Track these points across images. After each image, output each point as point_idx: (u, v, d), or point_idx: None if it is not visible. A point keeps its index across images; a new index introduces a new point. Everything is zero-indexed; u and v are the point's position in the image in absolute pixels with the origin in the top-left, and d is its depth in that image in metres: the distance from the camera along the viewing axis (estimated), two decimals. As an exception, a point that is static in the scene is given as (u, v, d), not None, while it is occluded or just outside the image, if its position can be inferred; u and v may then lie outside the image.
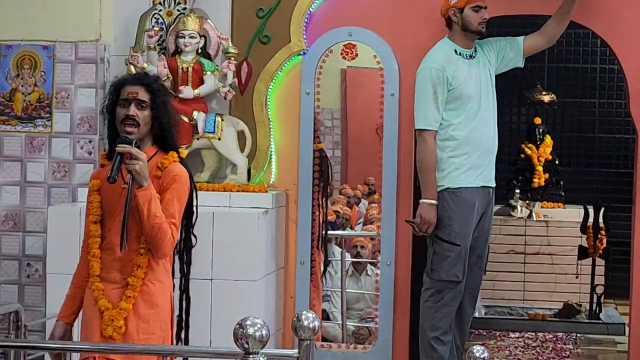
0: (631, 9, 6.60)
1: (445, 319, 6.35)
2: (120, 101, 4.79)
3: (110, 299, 4.77)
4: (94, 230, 4.86)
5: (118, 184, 4.77)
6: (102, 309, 4.74)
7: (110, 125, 4.92)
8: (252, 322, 3.47)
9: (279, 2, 6.83)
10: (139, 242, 4.80)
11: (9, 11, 6.89)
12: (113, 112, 4.84)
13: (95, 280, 4.78)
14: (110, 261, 4.82)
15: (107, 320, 4.75)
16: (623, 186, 7.51)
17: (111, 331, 4.74)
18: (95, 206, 4.84)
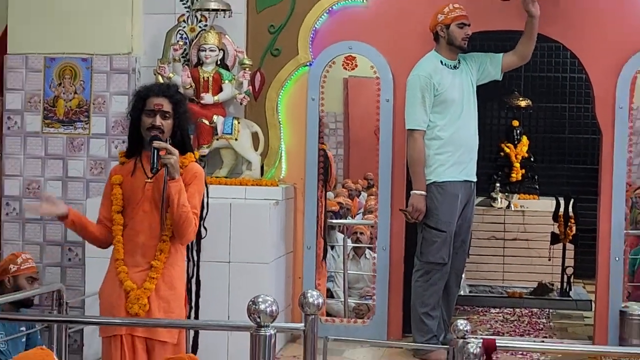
0: (597, 25, 6.60)
1: (433, 296, 6.35)
2: (146, 111, 4.84)
3: (134, 281, 4.79)
4: (118, 219, 4.89)
5: (139, 180, 4.85)
6: (128, 290, 4.77)
7: (132, 129, 4.95)
8: (263, 299, 3.48)
9: (288, 20, 6.84)
10: (161, 230, 4.81)
11: (52, 28, 6.87)
12: (137, 118, 4.88)
13: (120, 264, 4.82)
14: (132, 247, 4.86)
15: (133, 299, 4.77)
16: (590, 180, 7.50)
17: (137, 309, 4.75)
18: (119, 198, 4.87)
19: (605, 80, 6.57)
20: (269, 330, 3.46)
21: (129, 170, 4.92)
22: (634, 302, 6.50)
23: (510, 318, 8.19)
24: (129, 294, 4.79)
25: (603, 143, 6.62)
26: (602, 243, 6.61)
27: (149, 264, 4.85)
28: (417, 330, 6.37)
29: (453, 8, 6.31)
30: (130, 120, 5.01)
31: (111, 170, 5.08)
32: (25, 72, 6.95)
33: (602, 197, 6.64)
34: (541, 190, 10.49)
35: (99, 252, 5.91)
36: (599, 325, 6.63)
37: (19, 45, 6.94)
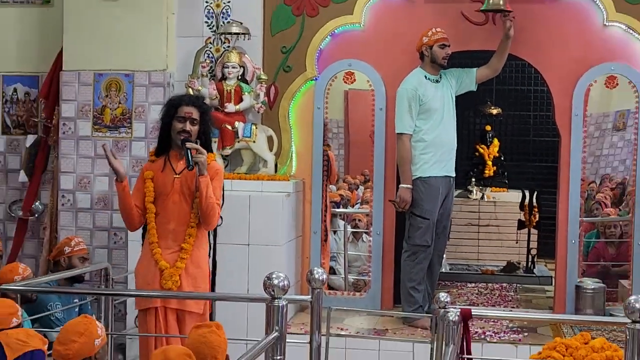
0: (557, 46, 6.63)
1: (419, 273, 6.39)
2: (178, 117, 4.91)
3: (167, 261, 4.88)
4: (151, 208, 4.98)
5: (169, 175, 4.94)
6: (163, 268, 4.86)
7: (163, 132, 5.05)
8: (277, 275, 3.54)
9: (297, 42, 6.87)
10: (189, 217, 4.94)
11: (100, 48, 6.87)
12: (169, 123, 4.97)
13: (155, 247, 4.91)
14: (164, 232, 4.94)
15: (167, 276, 4.85)
16: (550, 176, 7.46)
17: (170, 284, 4.84)
18: (151, 190, 4.97)
19: (563, 92, 6.59)
20: (281, 302, 3.51)
21: (160, 167, 5.00)
22: (587, 278, 6.53)
23: (484, 291, 8.15)
24: (163, 272, 4.87)
25: (561, 145, 6.66)
26: (561, 228, 6.63)
27: (179, 247, 4.93)
28: (406, 302, 6.41)
29: (436, 31, 6.32)
30: (161, 124, 5.09)
31: (143, 166, 5.19)
32: (78, 86, 6.92)
33: (560, 190, 6.68)
34: (510, 184, 10.42)
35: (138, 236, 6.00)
36: (558, 298, 6.66)
37: (73, 63, 6.91)
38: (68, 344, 3.55)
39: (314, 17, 6.89)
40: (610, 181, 6.79)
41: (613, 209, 6.78)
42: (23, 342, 2.90)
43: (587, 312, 6.38)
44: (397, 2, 6.86)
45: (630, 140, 6.58)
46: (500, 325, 6.41)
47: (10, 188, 7.56)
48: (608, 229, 6.81)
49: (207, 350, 3.67)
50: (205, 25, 6.99)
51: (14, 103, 7.53)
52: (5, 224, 7.58)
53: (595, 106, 6.66)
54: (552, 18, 6.66)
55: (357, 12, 6.84)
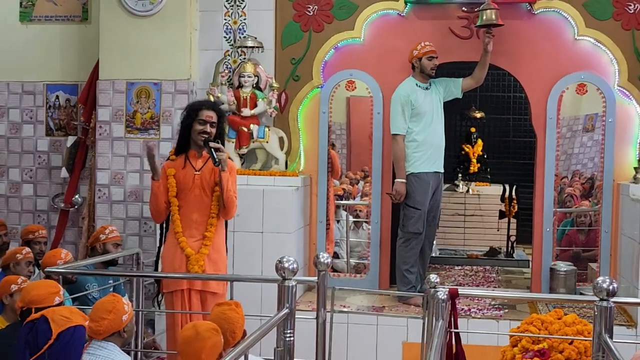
0: (533, 58, 6.61)
1: (412, 257, 6.40)
2: (199, 120, 4.90)
3: (192, 248, 4.87)
4: (175, 202, 4.98)
5: (189, 172, 4.92)
6: (189, 254, 4.85)
7: (183, 133, 5.01)
8: (287, 259, 3.57)
9: (305, 54, 6.86)
10: (210, 209, 4.92)
11: (132, 60, 6.87)
12: (190, 125, 4.95)
13: (180, 236, 4.90)
14: (187, 222, 4.93)
15: (194, 262, 4.86)
16: (527, 172, 7.45)
17: (197, 268, 4.85)
18: (173, 186, 4.93)
19: (539, 98, 6.58)
20: (291, 282, 3.55)
21: (180, 164, 4.98)
22: (560, 261, 6.54)
23: (469, 273, 8.15)
24: (189, 258, 4.88)
25: (537, 144, 6.65)
26: (537, 218, 6.64)
27: (202, 235, 4.93)
28: (401, 282, 6.41)
29: (424, 45, 6.32)
30: (182, 126, 5.05)
31: (164, 164, 5.08)
32: (112, 93, 6.92)
33: (536, 184, 6.67)
34: (492, 179, 10.40)
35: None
36: (535, 279, 6.66)
37: (108, 73, 6.91)
38: (99, 321, 3.58)
39: (320, 32, 6.89)
40: (581, 176, 6.77)
41: (583, 200, 6.77)
42: (67, 318, 2.92)
43: (560, 291, 6.40)
44: (392, 19, 6.85)
45: (598, 140, 6.57)
46: (484, 303, 6.40)
47: (54, 183, 7.58)
48: (579, 218, 6.80)
49: (227, 325, 3.69)
50: (224, 39, 6.98)
51: (57, 108, 7.55)
52: (49, 214, 7.59)
53: (567, 110, 6.63)
54: (529, 32, 6.65)
55: (357, 28, 6.83)
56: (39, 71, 7.54)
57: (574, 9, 6.53)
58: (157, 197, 5.01)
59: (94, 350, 3.57)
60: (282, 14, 6.94)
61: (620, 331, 5.44)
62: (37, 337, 2.85)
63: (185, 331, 3.46)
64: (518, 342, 4.47)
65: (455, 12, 6.70)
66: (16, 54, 7.57)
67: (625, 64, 6.49)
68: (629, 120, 6.56)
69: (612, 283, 3.39)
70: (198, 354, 3.36)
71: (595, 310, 3.40)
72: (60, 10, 7.52)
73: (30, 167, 7.62)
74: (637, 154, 6.48)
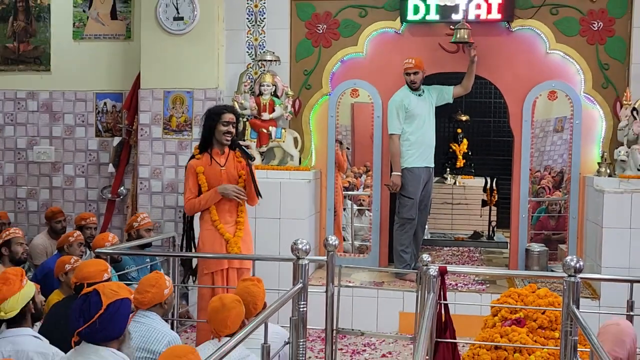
0: (510, 69, 6.58)
1: (407, 239, 6.39)
2: (222, 122, 4.80)
3: (229, 232, 4.84)
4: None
5: (216, 167, 4.82)
6: (228, 239, 4.80)
7: (207, 133, 4.87)
8: (301, 241, 3.56)
9: (316, 66, 6.85)
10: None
11: (168, 72, 6.87)
12: (213, 127, 4.83)
13: (218, 223, 4.82)
14: (221, 211, 4.84)
15: (233, 244, 4.81)
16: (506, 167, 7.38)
17: (236, 250, 4.81)
18: (204, 181, 4.81)
19: (516, 103, 6.56)
20: (304, 261, 3.54)
21: (207, 162, 4.84)
22: (534, 243, 6.55)
23: (456, 253, 8.17)
24: (229, 242, 4.82)
25: (515, 143, 6.63)
26: (514, 206, 6.62)
27: (235, 221, 4.88)
28: (397, 261, 6.42)
29: (405, 62, 6.32)
30: (205, 127, 4.91)
31: (192, 164, 4.87)
32: (152, 100, 6.93)
33: (514, 177, 6.65)
34: (475, 173, 10.36)
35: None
36: (512, 258, 6.65)
37: (148, 83, 6.92)
38: (144, 294, 3.65)
39: (328, 47, 6.88)
40: (552, 171, 6.75)
41: (554, 191, 6.75)
42: (115, 292, 2.93)
43: (534, 268, 6.41)
44: (390, 36, 6.82)
45: (566, 139, 6.55)
46: (469, 279, 6.40)
47: (102, 177, 7.59)
48: (550, 206, 6.79)
49: (250, 298, 3.71)
50: (247, 54, 6.98)
51: (104, 113, 7.56)
52: (98, 203, 7.61)
53: (540, 113, 6.61)
54: (507, 47, 6.62)
55: (360, 44, 6.82)
56: (90, 82, 7.54)
57: (545, 27, 6.51)
58: (210, 203, 4.85)
59: (139, 319, 3.61)
60: (296, 32, 6.92)
61: (585, 302, 5.41)
62: (90, 307, 2.87)
63: (213, 303, 3.49)
64: (498, 312, 4.47)
65: (443, 30, 6.66)
66: (70, 68, 7.59)
67: (590, 73, 6.47)
68: (593, 122, 6.54)
69: (579, 261, 3.38)
70: (224, 321, 3.39)
71: (564, 285, 3.39)
72: (107, 29, 7.53)
73: (82, 164, 7.64)
74: (600, 151, 6.46)
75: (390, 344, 5.70)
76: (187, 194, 4.87)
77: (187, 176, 4.90)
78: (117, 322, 2.90)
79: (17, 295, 3.27)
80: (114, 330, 2.91)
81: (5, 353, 3.17)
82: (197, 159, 4.89)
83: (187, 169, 4.90)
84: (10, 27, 7.69)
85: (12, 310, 3.26)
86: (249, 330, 2.71)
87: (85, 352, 2.88)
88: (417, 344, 2.67)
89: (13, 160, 7.73)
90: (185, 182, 4.92)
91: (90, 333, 2.86)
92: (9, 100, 7.71)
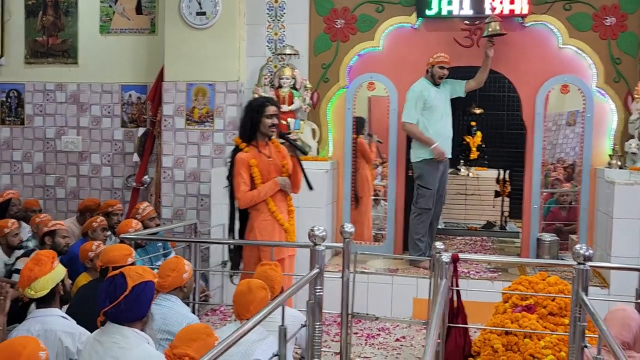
0: (523, 63, 6.55)
1: (423, 229, 6.37)
2: (267, 115, 4.67)
3: (286, 221, 4.81)
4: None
5: (264, 159, 4.70)
6: (285, 227, 4.77)
7: (251, 126, 4.71)
8: (318, 228, 3.55)
9: (334, 60, 6.86)
10: None
11: (191, 65, 6.89)
12: (258, 120, 4.69)
13: (277, 214, 4.73)
14: (275, 201, 4.74)
15: (292, 233, 4.81)
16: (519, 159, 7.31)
17: (294, 237, 4.83)
18: (257, 174, 4.67)
19: (529, 97, 6.53)
20: (321, 247, 3.54)
21: (255, 154, 4.69)
22: (545, 233, 6.50)
23: (469, 242, 8.14)
24: (287, 230, 4.79)
25: (527, 136, 6.61)
26: (526, 197, 6.60)
27: (287, 209, 4.83)
28: (413, 249, 6.41)
29: (439, 55, 6.27)
30: (251, 120, 4.72)
31: (243, 157, 4.66)
32: (175, 92, 6.97)
33: (526, 169, 6.62)
34: (489, 165, 10.24)
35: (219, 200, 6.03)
36: (524, 247, 6.64)
37: (171, 76, 6.96)
38: (164, 277, 3.67)
39: (346, 42, 6.87)
40: (563, 163, 6.72)
41: (566, 183, 6.72)
42: (140, 275, 2.96)
43: (545, 257, 6.37)
44: (406, 31, 6.81)
45: (578, 133, 6.51)
46: (481, 267, 6.39)
47: (127, 166, 7.66)
48: (562, 198, 6.75)
49: (268, 281, 3.72)
50: (267, 48, 6.99)
51: (129, 105, 7.61)
52: (123, 191, 7.68)
53: (552, 107, 6.59)
54: (521, 42, 6.58)
55: (377, 38, 6.81)
56: (115, 74, 7.60)
57: (559, 22, 6.47)
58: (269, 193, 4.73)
59: (160, 301, 3.64)
60: (315, 27, 6.92)
61: (594, 291, 5.40)
62: (115, 289, 2.90)
63: (240, 286, 3.50)
64: (509, 299, 4.47)
65: (458, 25, 6.64)
66: (97, 60, 7.65)
67: (602, 68, 6.43)
68: (605, 115, 6.50)
69: (588, 250, 3.38)
70: (248, 305, 3.39)
71: (574, 273, 3.38)
72: (132, 24, 7.57)
73: (108, 153, 7.70)
74: (611, 143, 6.43)
75: (404, 328, 5.71)
76: (242, 187, 4.65)
77: (238, 169, 4.67)
78: (141, 304, 2.93)
79: (47, 276, 3.34)
80: (138, 312, 2.95)
81: (34, 332, 3.22)
82: (246, 152, 4.70)
83: (238, 162, 4.67)
84: (40, 21, 7.77)
85: (43, 289, 3.32)
86: (266, 312, 2.72)
87: (110, 332, 2.91)
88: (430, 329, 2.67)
89: (42, 149, 7.82)
90: (238, 176, 4.66)
91: (116, 313, 2.90)
92: (39, 92, 7.79)
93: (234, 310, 3.49)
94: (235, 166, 4.68)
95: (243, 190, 4.65)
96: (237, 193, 4.66)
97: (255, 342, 3.24)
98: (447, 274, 3.84)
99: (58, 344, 3.24)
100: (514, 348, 4.14)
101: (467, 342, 4.32)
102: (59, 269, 3.42)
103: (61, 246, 5.21)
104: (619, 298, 4.95)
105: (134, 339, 2.90)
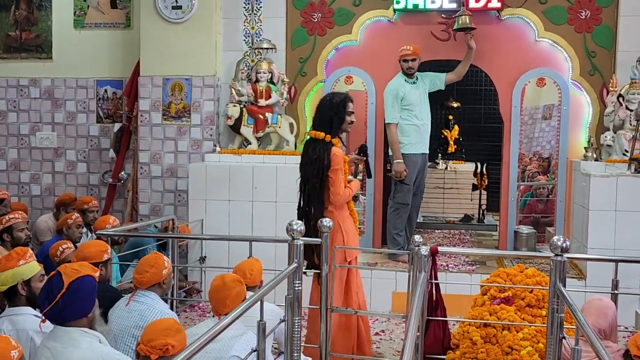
0: (500, 56, 6.57)
1: (401, 223, 6.39)
2: (348, 112, 4.46)
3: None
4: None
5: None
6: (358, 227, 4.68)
7: (339, 122, 4.43)
8: (296, 222, 3.53)
9: (311, 54, 6.83)
10: None
11: (167, 59, 6.84)
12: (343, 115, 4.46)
13: (354, 212, 4.62)
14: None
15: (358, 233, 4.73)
16: (496, 152, 7.38)
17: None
18: (348, 172, 4.54)
19: (506, 90, 6.56)
20: (299, 242, 3.50)
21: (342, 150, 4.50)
22: (523, 225, 6.56)
23: (447, 235, 8.17)
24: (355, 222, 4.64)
25: (504, 129, 6.63)
26: (503, 190, 6.63)
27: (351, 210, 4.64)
28: (391, 243, 6.42)
29: (402, 49, 6.24)
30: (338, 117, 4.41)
31: (341, 153, 4.42)
32: (151, 87, 6.91)
33: (503, 162, 6.65)
34: (466, 158, 10.30)
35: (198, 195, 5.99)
36: (501, 240, 6.67)
37: (147, 70, 6.91)
38: (142, 273, 3.60)
39: (323, 36, 6.85)
40: (540, 156, 6.74)
41: (542, 176, 6.76)
42: (76, 270, 2.83)
43: (522, 250, 6.42)
44: (383, 25, 6.80)
45: (554, 126, 6.56)
46: (459, 260, 6.41)
47: (103, 162, 7.58)
48: (538, 190, 6.79)
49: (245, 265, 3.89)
50: (244, 42, 6.94)
51: (105, 100, 7.53)
52: (99, 188, 7.60)
53: (529, 100, 6.61)
54: (497, 35, 6.60)
55: (354, 32, 6.80)
56: (90, 69, 7.51)
57: (535, 15, 6.50)
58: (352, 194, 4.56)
59: (138, 298, 3.57)
60: (292, 21, 6.89)
61: (572, 282, 5.44)
62: (52, 288, 2.78)
63: (215, 281, 3.46)
64: (487, 291, 4.47)
65: (435, 18, 6.65)
66: (71, 55, 7.55)
67: (577, 61, 6.47)
68: (581, 108, 6.55)
69: (565, 241, 3.37)
70: (224, 300, 3.36)
71: (551, 264, 3.38)
72: (107, 18, 7.48)
73: (83, 149, 7.61)
74: (587, 136, 6.48)
75: (383, 322, 5.70)
76: (343, 183, 4.42)
77: (339, 164, 4.39)
78: (81, 300, 2.78)
79: (8, 272, 3.27)
80: (80, 309, 2.82)
81: (6, 331, 3.13)
82: (338, 148, 4.44)
83: (338, 157, 4.39)
84: (12, 15, 7.65)
85: (2, 285, 3.26)
86: (245, 307, 2.69)
87: (57, 336, 2.80)
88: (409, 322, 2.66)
89: (16, 145, 7.71)
90: (339, 171, 4.39)
91: (56, 313, 2.77)
92: (12, 88, 7.68)
93: (211, 307, 3.46)
94: (336, 161, 4.38)
95: (343, 186, 4.42)
96: (338, 189, 4.39)
97: (233, 338, 3.21)
98: (425, 267, 3.82)
99: (31, 344, 3.15)
100: (493, 340, 4.15)
101: (446, 334, 4.33)
102: (25, 267, 3.32)
103: (22, 239, 5.08)
104: (596, 289, 5.00)
105: (82, 339, 2.79)
